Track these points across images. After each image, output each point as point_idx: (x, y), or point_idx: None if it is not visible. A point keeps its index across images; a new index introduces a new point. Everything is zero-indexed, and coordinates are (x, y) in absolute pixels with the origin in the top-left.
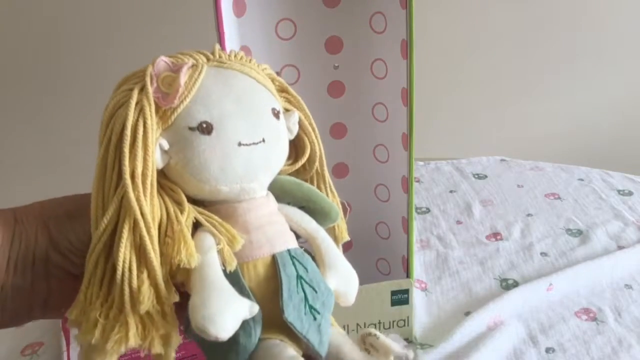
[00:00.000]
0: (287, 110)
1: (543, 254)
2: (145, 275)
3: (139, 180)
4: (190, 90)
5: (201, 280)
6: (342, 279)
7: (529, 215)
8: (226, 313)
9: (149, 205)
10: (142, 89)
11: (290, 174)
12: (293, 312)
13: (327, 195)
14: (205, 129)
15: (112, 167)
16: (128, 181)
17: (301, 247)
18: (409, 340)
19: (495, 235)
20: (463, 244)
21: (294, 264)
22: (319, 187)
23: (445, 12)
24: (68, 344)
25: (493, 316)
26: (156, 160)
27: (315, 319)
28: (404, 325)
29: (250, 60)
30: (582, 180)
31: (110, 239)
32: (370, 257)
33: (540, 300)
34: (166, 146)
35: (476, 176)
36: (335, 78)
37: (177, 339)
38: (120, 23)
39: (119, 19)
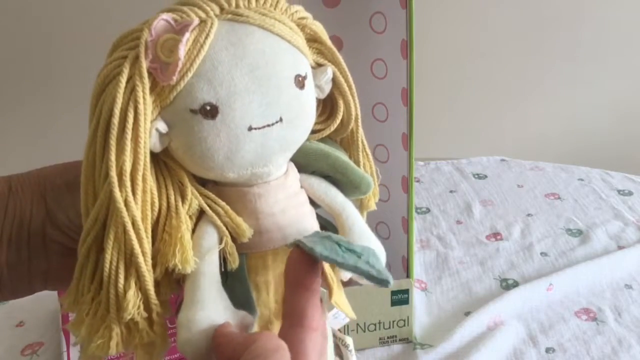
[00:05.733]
0: (319, 65)
1: (543, 254)
2: (133, 280)
3: (127, 178)
4: (194, 62)
5: (192, 292)
6: None
7: (529, 215)
8: (206, 338)
9: (139, 205)
10: (136, 60)
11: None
12: (325, 250)
13: (360, 159)
14: (209, 112)
15: (100, 156)
16: (114, 179)
17: (322, 226)
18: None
19: (495, 235)
20: (463, 244)
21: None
22: (352, 150)
23: (445, 12)
24: (68, 344)
25: (493, 316)
26: (153, 144)
27: (359, 257)
28: (404, 325)
29: (277, 3)
30: (582, 180)
31: (101, 231)
32: None
33: (540, 300)
34: (164, 130)
35: (476, 176)
36: None
37: (164, 348)
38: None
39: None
